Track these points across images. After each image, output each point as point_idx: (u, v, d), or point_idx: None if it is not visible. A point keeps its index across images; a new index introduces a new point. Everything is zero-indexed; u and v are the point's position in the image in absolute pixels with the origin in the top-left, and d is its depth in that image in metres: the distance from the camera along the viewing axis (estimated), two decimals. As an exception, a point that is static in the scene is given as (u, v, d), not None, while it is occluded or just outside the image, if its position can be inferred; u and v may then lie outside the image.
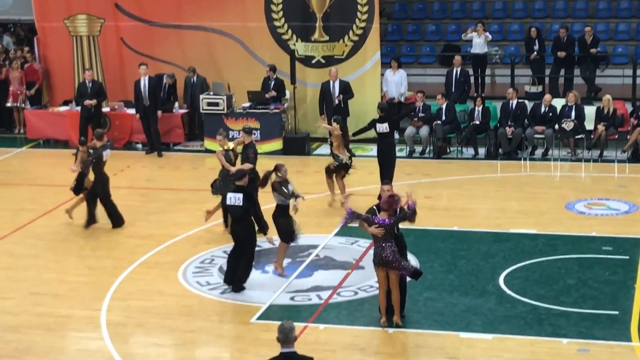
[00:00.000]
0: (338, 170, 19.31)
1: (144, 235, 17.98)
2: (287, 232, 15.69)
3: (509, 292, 15.03)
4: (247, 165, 17.41)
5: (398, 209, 13.68)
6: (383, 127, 19.33)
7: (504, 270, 15.89)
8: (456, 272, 15.98)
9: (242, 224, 15.13)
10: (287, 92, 24.31)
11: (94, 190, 18.03)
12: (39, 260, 16.82)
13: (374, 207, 13.93)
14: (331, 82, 23.45)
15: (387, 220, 13.58)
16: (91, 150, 17.93)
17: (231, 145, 18.17)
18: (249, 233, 15.21)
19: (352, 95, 23.44)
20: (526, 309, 14.35)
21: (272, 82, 24.07)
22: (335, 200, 19.25)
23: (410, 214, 13.65)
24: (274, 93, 23.81)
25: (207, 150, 23.74)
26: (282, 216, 15.73)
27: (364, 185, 20.21)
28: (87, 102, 23.79)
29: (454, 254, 16.72)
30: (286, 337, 9.24)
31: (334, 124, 19.45)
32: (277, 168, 15.75)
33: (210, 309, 14.76)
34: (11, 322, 14.17)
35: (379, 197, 14.08)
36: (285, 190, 15.66)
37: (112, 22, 25.51)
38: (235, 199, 15.02)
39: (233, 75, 24.64)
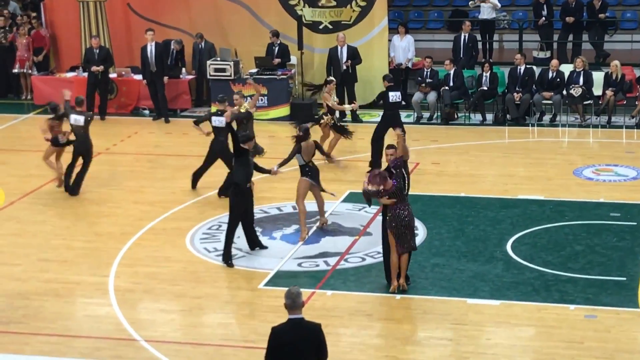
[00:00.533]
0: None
1: (151, 201, 18.00)
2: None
3: (516, 258, 15.04)
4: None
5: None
6: (396, 96, 19.18)
7: (512, 236, 15.88)
8: (463, 239, 15.98)
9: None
10: (294, 58, 24.23)
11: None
12: (46, 227, 16.85)
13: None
14: (339, 48, 23.37)
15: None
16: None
17: (246, 105, 18.38)
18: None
19: (360, 61, 23.36)
20: (533, 275, 14.36)
21: (276, 48, 23.99)
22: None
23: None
24: (278, 60, 23.73)
25: (214, 117, 23.65)
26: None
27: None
28: (94, 68, 23.75)
29: (461, 220, 16.71)
30: (293, 302, 9.23)
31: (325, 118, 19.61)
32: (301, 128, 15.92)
33: (218, 275, 14.80)
34: (19, 288, 14.22)
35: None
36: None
37: (118, -12, 25.43)
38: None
39: (240, 42, 24.55)
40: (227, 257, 15.01)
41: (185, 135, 22.36)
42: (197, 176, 18.45)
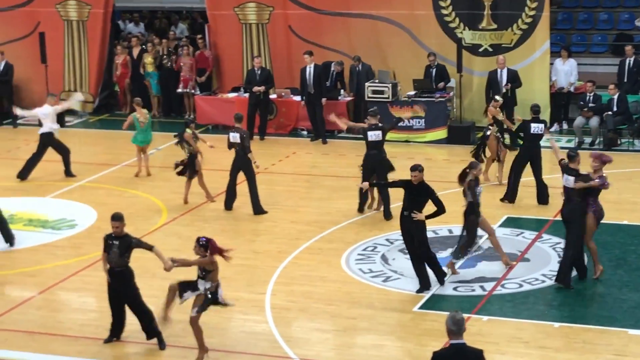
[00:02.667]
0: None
1: (307, 221, 18.17)
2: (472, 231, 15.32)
3: (680, 289, 14.55)
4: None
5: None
6: (538, 129, 18.34)
7: (676, 266, 15.38)
8: (626, 267, 15.55)
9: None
10: (453, 81, 24.13)
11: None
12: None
13: None
14: (499, 71, 23.15)
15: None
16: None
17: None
18: None
19: (520, 85, 23.07)
20: (699, 308, 13.86)
21: (434, 70, 23.95)
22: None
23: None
24: (442, 84, 23.70)
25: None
26: (473, 213, 15.31)
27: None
28: (256, 88, 24.17)
29: (623, 248, 16.28)
30: (459, 329, 9.09)
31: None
32: (472, 166, 15.48)
33: (372, 296, 14.81)
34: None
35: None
36: (477, 191, 15.35)
37: (280, 10, 25.84)
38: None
39: (398, 64, 24.60)
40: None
41: (342, 157, 22.50)
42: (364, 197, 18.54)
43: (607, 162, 14.85)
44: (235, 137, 18.48)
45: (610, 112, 22.49)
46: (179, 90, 26.41)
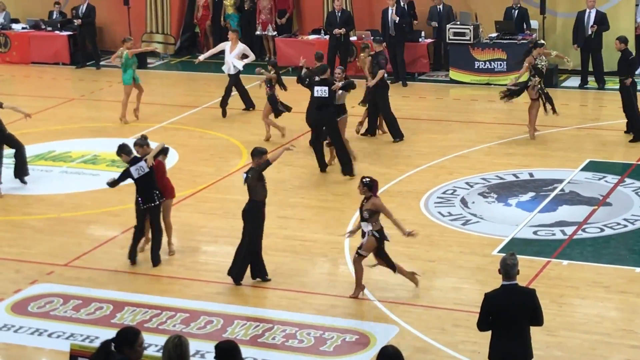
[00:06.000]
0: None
1: (388, 164, 18.16)
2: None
3: None
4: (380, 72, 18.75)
5: None
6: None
7: None
8: None
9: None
10: (536, 22, 23.74)
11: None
12: (285, 185, 17.31)
13: None
14: (587, 11, 22.62)
15: None
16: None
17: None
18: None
19: (608, 28, 22.52)
20: None
21: (516, 12, 23.59)
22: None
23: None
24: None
25: (452, 81, 23.61)
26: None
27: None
28: (336, 30, 24.08)
29: None
30: (507, 273, 9.30)
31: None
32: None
33: (452, 239, 14.82)
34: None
35: None
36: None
37: (363, -50, 25.61)
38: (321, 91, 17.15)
39: (480, 5, 24.27)
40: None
41: (423, 99, 22.40)
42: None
43: None
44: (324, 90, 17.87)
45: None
46: (258, 32, 26.43)
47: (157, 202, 14.17)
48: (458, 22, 23.75)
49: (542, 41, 20.63)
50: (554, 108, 18.97)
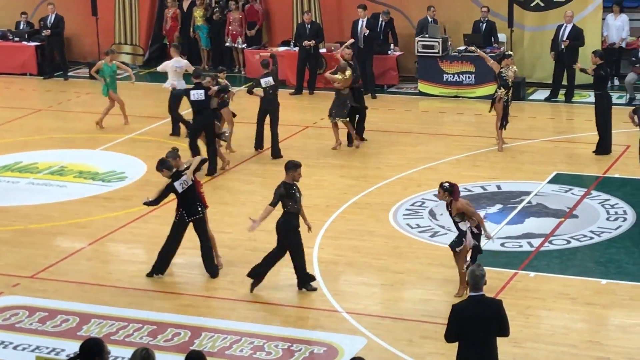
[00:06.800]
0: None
1: (356, 176, 18.20)
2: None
3: None
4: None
5: None
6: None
7: None
8: (674, 225, 15.45)
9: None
10: (504, 36, 23.88)
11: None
12: (255, 197, 17.29)
13: None
14: (564, 26, 22.71)
15: None
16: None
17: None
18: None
19: (583, 44, 22.51)
20: None
21: (484, 25, 23.72)
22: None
23: None
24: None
25: (421, 93, 23.70)
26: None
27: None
28: (306, 42, 24.12)
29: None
30: (476, 283, 9.32)
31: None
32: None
33: (420, 251, 14.85)
34: (228, 255, 14.66)
35: None
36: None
37: (332, -37, 25.68)
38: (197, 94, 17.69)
39: (449, 18, 24.38)
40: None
41: (392, 111, 22.46)
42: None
43: None
44: (268, 81, 18.86)
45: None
46: (227, 44, 26.41)
47: (202, 214, 14.13)
48: (427, 35, 23.85)
49: (510, 52, 20.76)
50: (507, 120, 19.15)
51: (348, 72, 19.27)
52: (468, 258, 13.19)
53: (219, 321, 12.92)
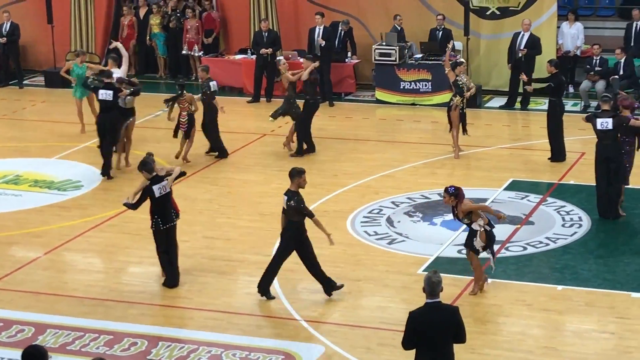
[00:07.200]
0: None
1: (314, 183, 18.13)
2: None
3: (685, 253, 14.59)
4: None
5: None
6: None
7: (681, 230, 15.42)
8: (629, 231, 15.59)
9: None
10: (460, 44, 24.03)
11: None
12: (213, 205, 17.25)
13: None
14: (521, 34, 22.86)
15: None
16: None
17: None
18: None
19: (540, 52, 22.67)
20: (702, 272, 13.90)
21: (440, 33, 23.86)
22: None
23: None
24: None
25: (378, 101, 23.77)
26: None
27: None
28: (263, 50, 24.11)
29: (627, 212, 16.28)
30: (432, 290, 9.35)
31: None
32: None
33: (377, 258, 14.88)
34: (185, 264, 14.60)
35: None
36: None
37: (288, -28, 25.70)
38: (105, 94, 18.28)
39: (406, 26, 24.47)
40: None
41: (349, 119, 22.51)
42: None
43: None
44: (214, 85, 19.56)
45: (616, 76, 22.38)
46: (184, 52, 26.34)
47: (175, 222, 14.06)
48: (384, 43, 23.94)
49: (462, 59, 20.91)
50: (465, 129, 19.26)
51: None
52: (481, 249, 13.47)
53: (177, 330, 12.85)
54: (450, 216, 16.18)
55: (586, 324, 12.67)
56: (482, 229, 13.28)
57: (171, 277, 14.06)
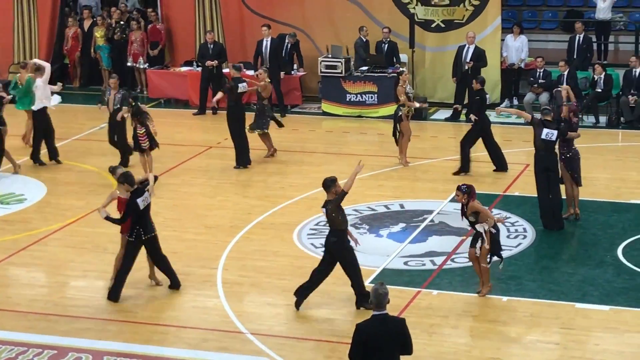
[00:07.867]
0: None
1: (260, 196, 18.17)
2: None
3: (627, 263, 14.76)
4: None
5: None
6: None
7: (623, 241, 15.59)
8: (573, 242, 15.74)
9: None
10: (405, 56, 24.15)
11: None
12: (158, 218, 17.08)
13: None
14: (466, 47, 23.04)
15: None
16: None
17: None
18: None
19: (485, 64, 22.87)
20: (645, 282, 14.07)
21: (386, 45, 23.96)
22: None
23: None
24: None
25: (325, 113, 23.80)
26: None
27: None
28: (209, 62, 24.05)
29: (571, 223, 16.45)
30: (379, 302, 9.35)
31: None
32: None
33: (324, 271, 14.84)
34: (131, 277, 14.44)
35: None
36: None
37: (233, -16, 25.68)
38: None
39: (351, 39, 24.57)
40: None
41: (295, 131, 22.50)
42: None
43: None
44: (244, 86, 19.63)
45: (559, 89, 22.62)
46: (129, 64, 26.19)
47: (155, 232, 13.98)
48: (330, 56, 23.99)
49: (403, 69, 21.01)
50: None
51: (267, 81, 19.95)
52: (488, 257, 13.63)
53: (120, 344, 12.72)
54: (396, 227, 16.28)
55: (531, 335, 12.75)
56: (488, 230, 13.48)
57: (175, 280, 14.17)
